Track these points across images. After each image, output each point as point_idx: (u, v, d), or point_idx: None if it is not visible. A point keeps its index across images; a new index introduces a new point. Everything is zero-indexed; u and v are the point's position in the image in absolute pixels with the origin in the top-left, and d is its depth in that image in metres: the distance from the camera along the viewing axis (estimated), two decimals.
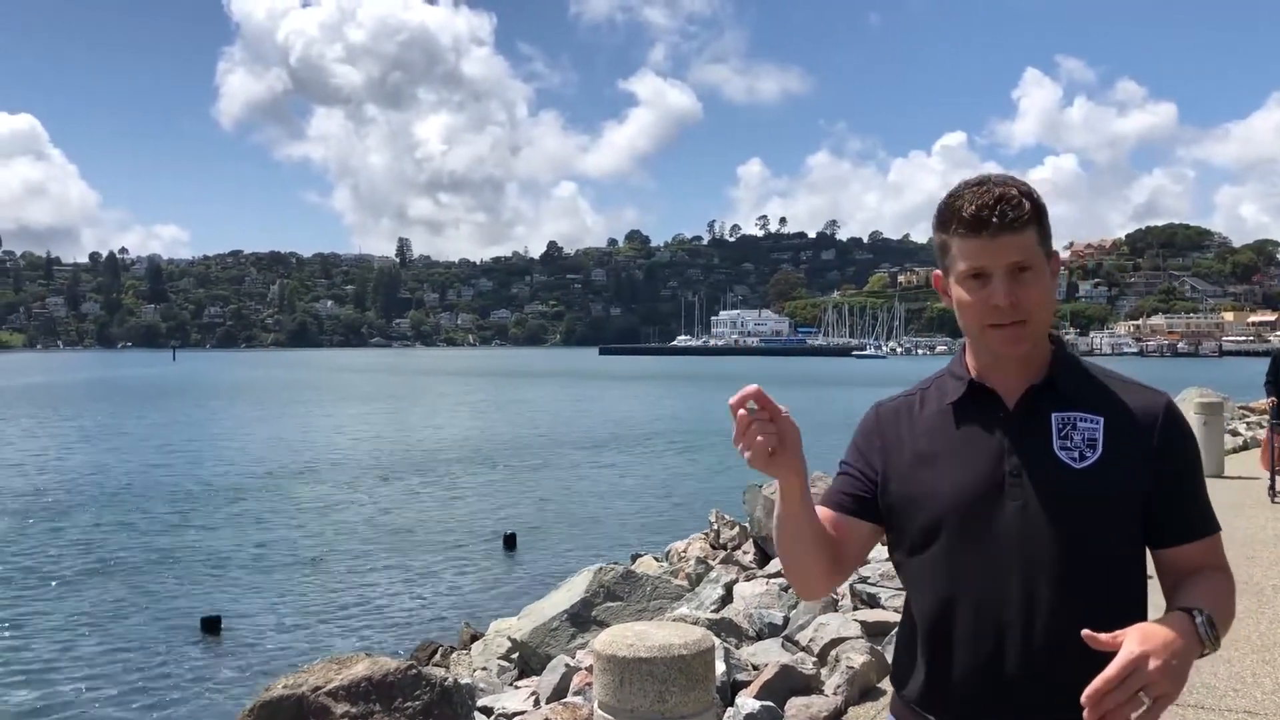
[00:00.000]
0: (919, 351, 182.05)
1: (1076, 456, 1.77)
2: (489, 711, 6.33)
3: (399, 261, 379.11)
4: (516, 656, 8.16)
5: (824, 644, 5.92)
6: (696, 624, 5.78)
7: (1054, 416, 1.81)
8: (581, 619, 7.93)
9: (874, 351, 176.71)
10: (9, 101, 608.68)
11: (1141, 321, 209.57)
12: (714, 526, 12.41)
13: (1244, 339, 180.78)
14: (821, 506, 1.94)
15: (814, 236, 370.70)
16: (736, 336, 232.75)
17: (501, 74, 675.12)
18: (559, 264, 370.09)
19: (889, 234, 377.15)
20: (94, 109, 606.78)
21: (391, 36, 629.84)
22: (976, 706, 1.78)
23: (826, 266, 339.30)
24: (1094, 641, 1.59)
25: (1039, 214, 1.79)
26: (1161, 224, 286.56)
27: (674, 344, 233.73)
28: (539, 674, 6.95)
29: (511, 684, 7.53)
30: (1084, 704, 1.55)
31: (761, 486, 10.58)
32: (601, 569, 8.53)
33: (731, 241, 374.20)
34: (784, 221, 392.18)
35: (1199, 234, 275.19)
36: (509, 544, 16.27)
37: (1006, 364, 1.84)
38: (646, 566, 10.94)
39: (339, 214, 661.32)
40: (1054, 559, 1.73)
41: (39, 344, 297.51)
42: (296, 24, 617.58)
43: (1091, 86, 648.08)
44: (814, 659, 5.80)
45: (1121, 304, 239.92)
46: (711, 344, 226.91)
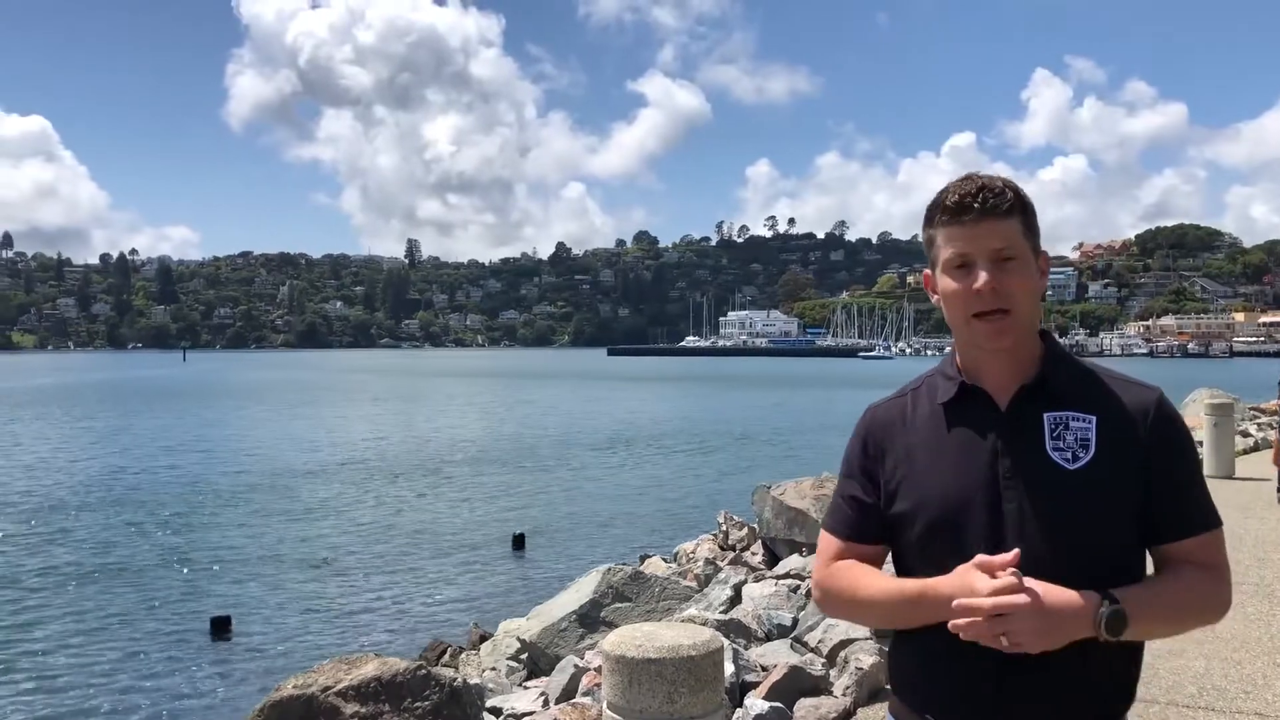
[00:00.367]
0: (928, 352, 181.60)
1: (1069, 457, 1.78)
2: (498, 712, 6.33)
3: (408, 262, 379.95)
4: (525, 657, 8.16)
5: (833, 645, 5.91)
6: (705, 625, 5.78)
7: (1046, 417, 1.81)
8: (590, 620, 7.94)
9: (881, 353, 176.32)
10: (20, 103, 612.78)
11: (1151, 322, 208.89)
12: (722, 527, 12.41)
13: (1255, 340, 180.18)
14: (847, 543, 1.95)
15: (822, 237, 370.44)
16: (745, 337, 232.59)
17: (510, 75, 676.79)
18: (567, 265, 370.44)
19: (898, 235, 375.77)
20: (104, 111, 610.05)
21: (400, 38, 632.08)
22: (977, 707, 1.78)
23: (835, 267, 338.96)
24: (985, 564, 1.68)
25: (1023, 207, 1.82)
26: (1172, 224, 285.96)
27: (682, 345, 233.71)
28: (548, 674, 6.96)
29: (520, 684, 7.53)
30: (954, 608, 1.67)
31: (770, 488, 10.56)
32: (610, 570, 8.53)
33: (740, 242, 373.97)
34: (792, 222, 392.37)
35: (1209, 234, 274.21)
36: (518, 544, 16.28)
37: (996, 362, 1.84)
38: (655, 567, 10.94)
39: (348, 215, 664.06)
40: (1051, 561, 1.73)
41: (50, 345, 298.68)
42: (305, 25, 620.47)
43: (1101, 87, 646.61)
44: (823, 660, 5.79)
45: (1131, 304, 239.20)
46: (720, 345, 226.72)
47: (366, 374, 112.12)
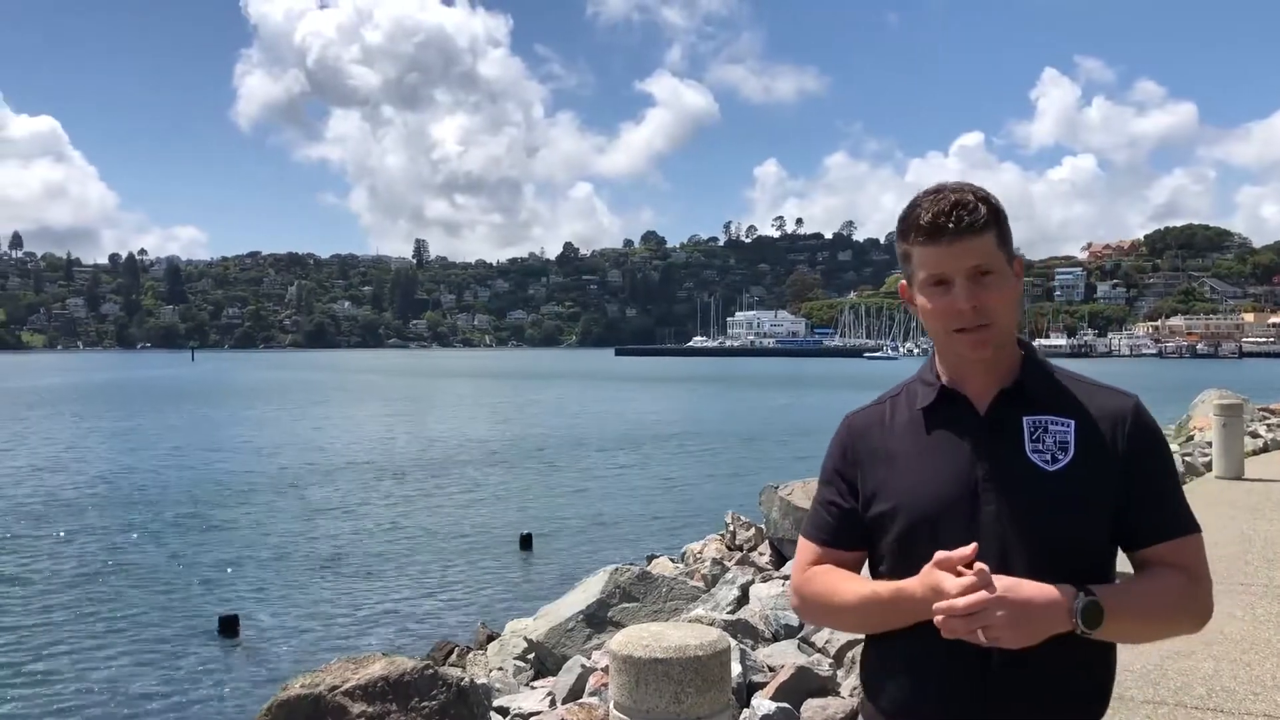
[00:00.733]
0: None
1: (1049, 459, 1.80)
2: (505, 712, 6.34)
3: (416, 262, 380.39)
4: (533, 657, 8.17)
5: (840, 645, 5.91)
6: (712, 625, 5.78)
7: (1025, 420, 1.83)
8: (597, 620, 7.94)
9: (890, 353, 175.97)
10: (30, 104, 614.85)
11: (1160, 322, 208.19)
12: (730, 528, 12.40)
13: (1264, 340, 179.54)
14: (825, 548, 1.96)
15: (830, 237, 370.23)
16: (752, 338, 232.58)
17: (518, 75, 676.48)
18: (575, 265, 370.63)
19: None
20: (113, 111, 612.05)
21: (408, 38, 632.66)
22: (956, 712, 1.79)
23: (843, 267, 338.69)
24: (946, 560, 1.69)
25: (997, 217, 1.81)
26: (1181, 224, 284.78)
27: (690, 345, 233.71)
28: (555, 674, 6.96)
29: (527, 684, 7.54)
30: (933, 611, 1.68)
31: (777, 488, 10.55)
32: (617, 570, 8.54)
33: (747, 242, 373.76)
34: (800, 222, 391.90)
35: (1219, 234, 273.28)
36: (525, 544, 16.29)
37: (975, 368, 1.86)
38: (662, 568, 10.94)
39: (356, 215, 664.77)
40: (1030, 562, 1.74)
41: (59, 345, 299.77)
42: (313, 26, 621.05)
43: (1110, 86, 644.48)
44: (830, 660, 5.79)
45: (1140, 305, 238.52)
46: (727, 345, 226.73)
47: (374, 374, 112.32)
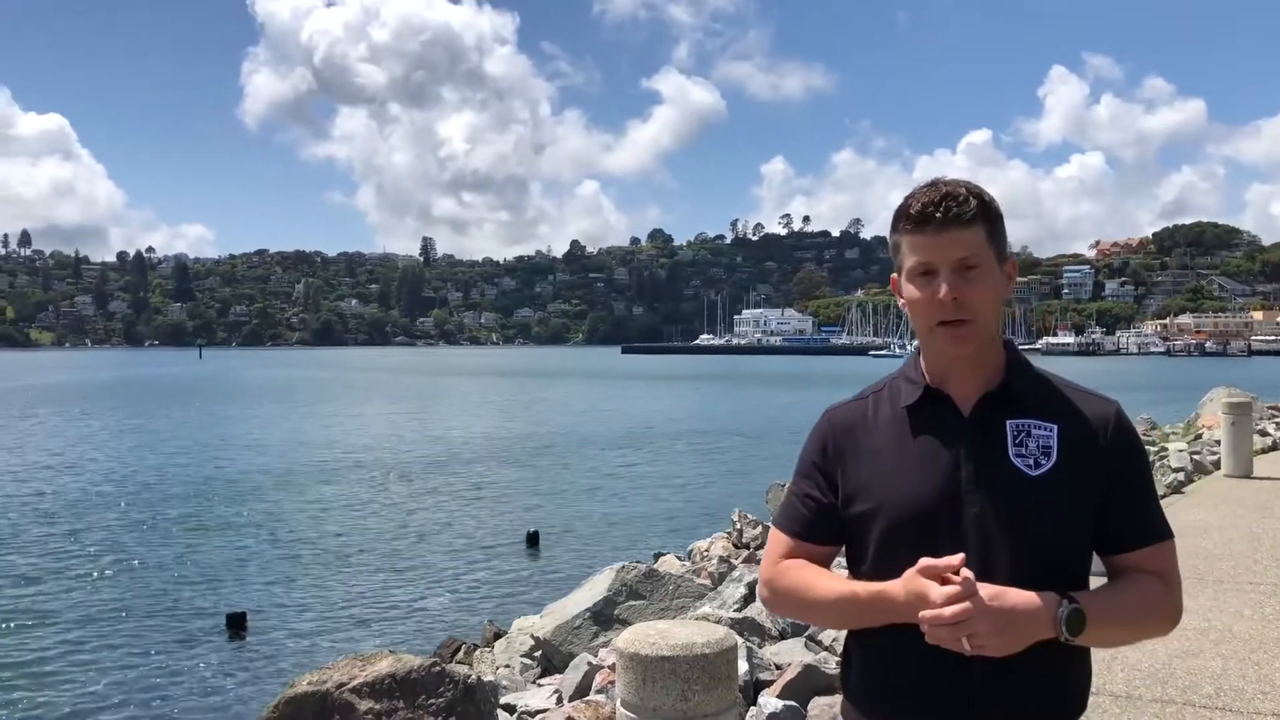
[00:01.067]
0: None
1: (1031, 464, 1.80)
2: (512, 709, 6.34)
3: (423, 260, 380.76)
4: (539, 654, 8.17)
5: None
6: (719, 623, 5.78)
7: (1009, 424, 1.83)
8: (604, 617, 7.94)
9: (897, 350, 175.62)
10: (38, 102, 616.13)
11: (1169, 320, 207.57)
12: (736, 526, 12.41)
13: (1273, 338, 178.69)
14: (797, 541, 1.95)
15: (838, 235, 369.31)
16: (759, 335, 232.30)
17: (525, 73, 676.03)
18: (582, 263, 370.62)
19: None
20: (121, 109, 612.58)
21: (415, 36, 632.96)
22: (938, 711, 1.80)
23: (850, 265, 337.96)
24: (931, 568, 1.70)
25: (988, 214, 1.82)
26: (1190, 222, 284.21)
27: (696, 343, 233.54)
28: (562, 672, 6.97)
29: (534, 682, 7.55)
30: (919, 619, 1.68)
31: (784, 486, 10.55)
32: (624, 567, 8.53)
33: (754, 240, 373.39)
34: (807, 220, 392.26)
35: (1227, 232, 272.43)
36: (532, 542, 16.31)
37: (960, 368, 1.86)
38: (669, 565, 10.93)
39: (363, 213, 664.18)
40: (1011, 566, 1.75)
41: (67, 342, 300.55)
42: (320, 24, 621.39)
43: (1119, 84, 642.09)
44: (837, 659, 5.78)
45: (1148, 303, 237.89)
46: (734, 343, 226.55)
47: (381, 372, 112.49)
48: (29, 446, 31.63)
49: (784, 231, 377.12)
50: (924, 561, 1.71)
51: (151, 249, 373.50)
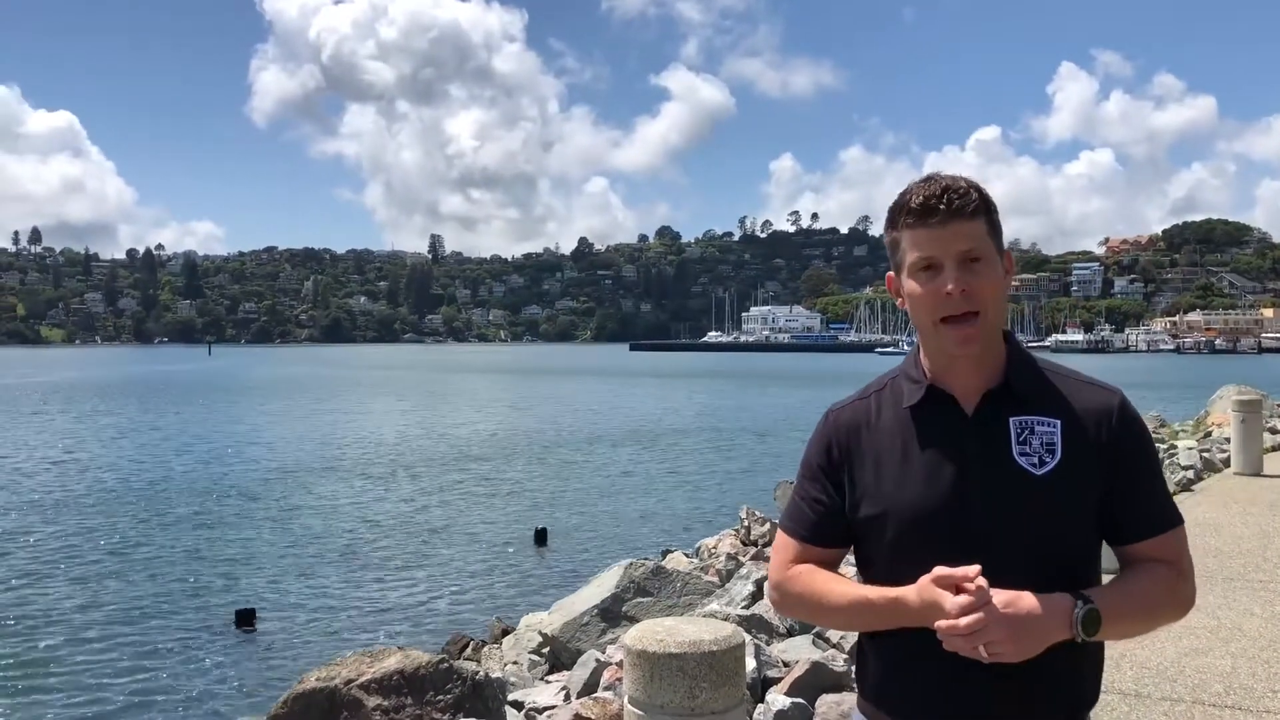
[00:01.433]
0: None
1: (1036, 462, 1.79)
2: (520, 705, 6.35)
3: (431, 258, 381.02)
4: (547, 651, 8.18)
5: (855, 641, 5.88)
6: (727, 620, 5.78)
7: (1012, 422, 1.81)
8: (612, 614, 7.94)
9: (905, 348, 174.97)
10: (49, 99, 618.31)
11: (1178, 318, 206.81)
12: (744, 523, 12.39)
13: None
14: (805, 544, 1.94)
15: (846, 232, 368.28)
16: (767, 333, 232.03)
17: (533, 70, 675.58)
18: (590, 260, 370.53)
19: None
20: (131, 107, 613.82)
21: (423, 33, 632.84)
22: (947, 713, 1.80)
23: (859, 262, 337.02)
24: (946, 578, 1.69)
25: (988, 207, 1.81)
26: (1199, 219, 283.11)
27: (704, 340, 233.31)
28: (570, 669, 6.97)
29: (542, 678, 7.55)
30: (936, 629, 1.68)
31: (792, 483, 10.53)
32: (632, 564, 8.53)
33: (763, 237, 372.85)
34: (816, 217, 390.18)
35: (1238, 229, 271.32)
36: (540, 539, 16.33)
37: (962, 365, 1.84)
38: (677, 562, 10.93)
39: (371, 210, 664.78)
40: (1022, 567, 1.74)
41: (77, 339, 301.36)
42: (329, 21, 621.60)
43: (1128, 80, 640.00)
44: (845, 656, 5.77)
45: (1158, 300, 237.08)
46: (742, 340, 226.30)
47: (390, 369, 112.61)
48: (40, 443, 31.76)
49: (792, 228, 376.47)
50: (938, 570, 1.70)
51: (161, 246, 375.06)
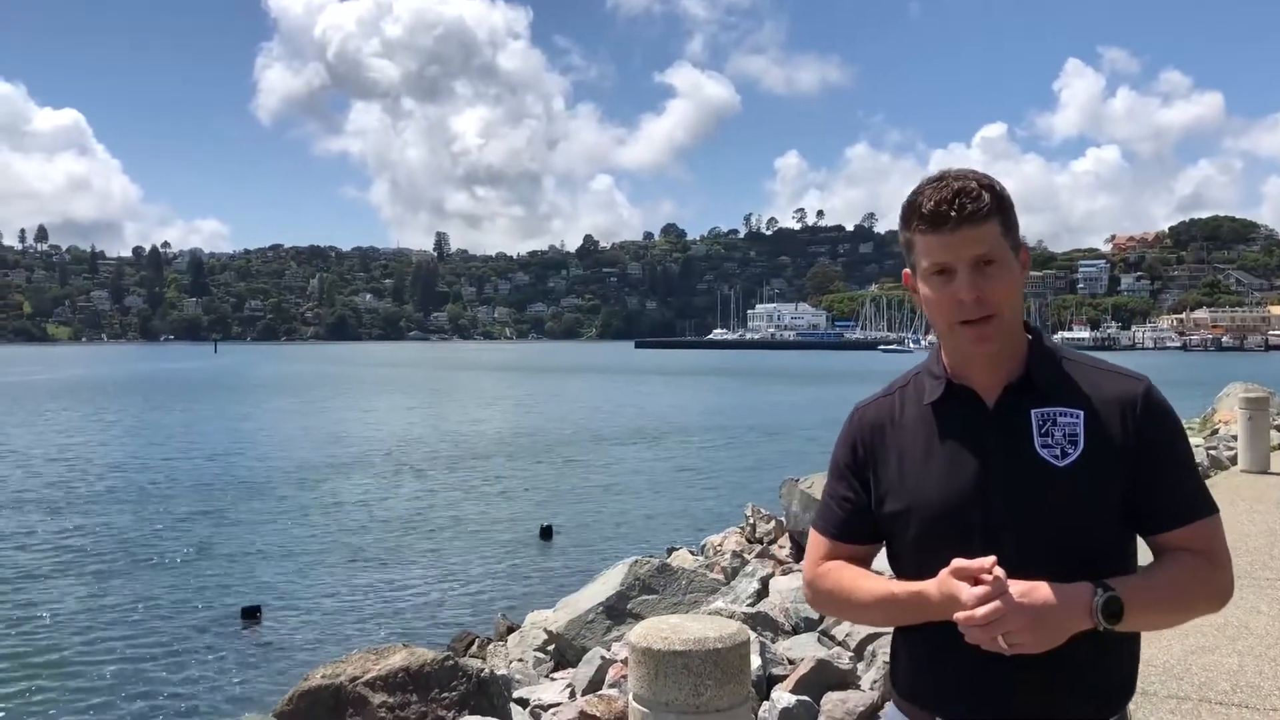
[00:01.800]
0: None
1: (1058, 454, 1.77)
2: (525, 703, 6.35)
3: (436, 255, 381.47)
4: (552, 648, 8.18)
5: (861, 639, 5.89)
6: (732, 618, 5.77)
7: (1033, 414, 1.80)
8: (617, 612, 7.94)
9: (910, 345, 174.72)
10: (55, 97, 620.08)
11: (1185, 315, 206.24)
12: (750, 521, 12.38)
13: None
14: (835, 542, 1.96)
15: (852, 229, 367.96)
16: (773, 330, 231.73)
17: (538, 67, 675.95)
18: (595, 258, 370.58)
19: None
20: (136, 105, 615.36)
21: (428, 30, 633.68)
22: (979, 703, 1.79)
23: (864, 259, 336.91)
24: (963, 570, 1.69)
25: (1001, 206, 1.79)
26: (1206, 216, 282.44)
27: (710, 337, 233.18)
28: (575, 666, 6.97)
29: (547, 676, 7.56)
30: (955, 621, 1.67)
31: (798, 481, 10.52)
32: (637, 562, 8.53)
33: (768, 235, 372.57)
34: (821, 214, 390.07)
35: (1245, 226, 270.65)
36: (545, 536, 16.34)
37: (983, 361, 1.83)
38: (682, 560, 10.93)
39: (377, 208, 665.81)
40: (1046, 559, 1.73)
41: (84, 337, 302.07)
42: (333, 19, 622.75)
43: (1135, 77, 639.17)
44: (850, 654, 5.77)
45: (1164, 297, 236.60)
46: (747, 337, 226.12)
47: (395, 367, 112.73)
48: (46, 441, 31.83)
49: (798, 226, 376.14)
50: (956, 563, 1.70)
51: (167, 244, 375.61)
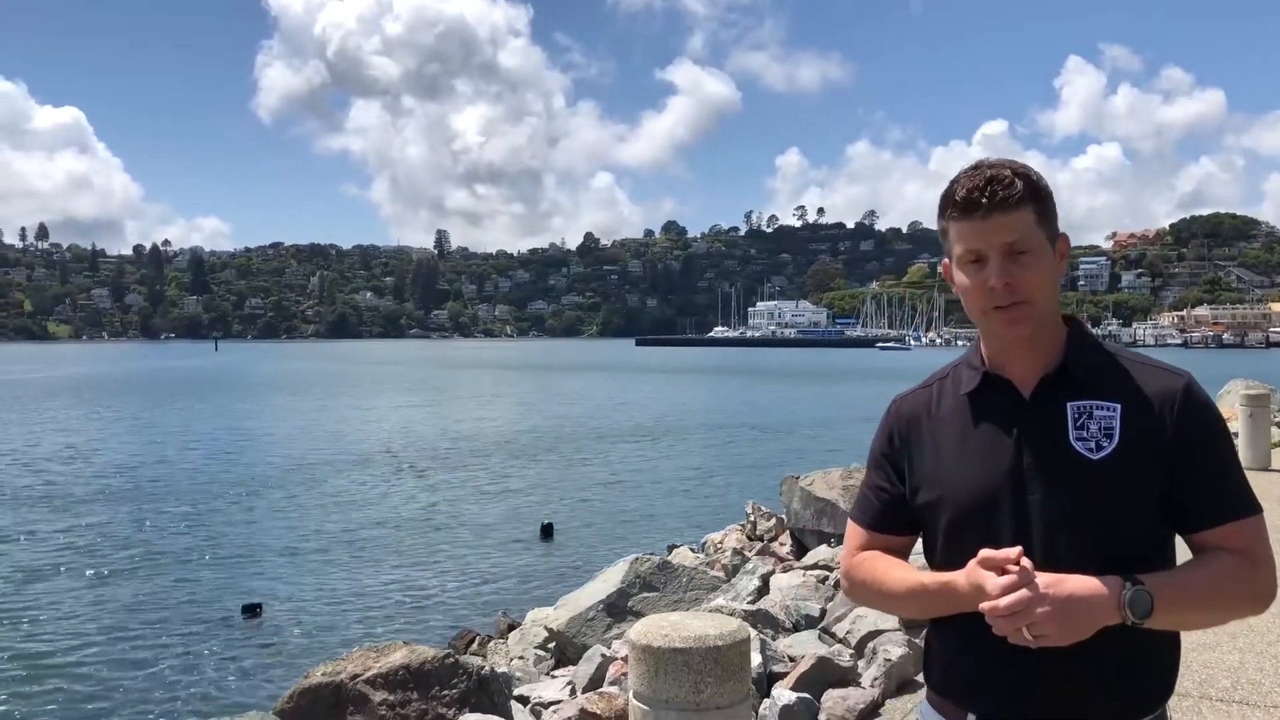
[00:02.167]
0: (959, 342, 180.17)
1: (1093, 447, 1.76)
2: (525, 700, 6.35)
3: (437, 253, 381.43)
4: (553, 646, 8.18)
5: (861, 636, 5.89)
6: (733, 615, 5.77)
7: (1069, 406, 1.79)
8: (618, 609, 7.94)
9: (910, 344, 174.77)
10: (55, 95, 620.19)
11: (1186, 312, 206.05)
12: (750, 518, 12.39)
13: None
14: (872, 533, 1.98)
15: (852, 227, 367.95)
16: (774, 328, 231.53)
17: (538, 64, 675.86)
18: (596, 255, 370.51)
19: (928, 224, 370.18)
20: (137, 103, 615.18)
21: (428, 28, 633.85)
22: (1006, 698, 1.78)
23: (865, 257, 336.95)
24: (991, 560, 1.68)
25: (1035, 194, 1.78)
26: (1207, 213, 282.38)
27: (711, 335, 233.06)
28: (575, 664, 6.97)
29: (548, 673, 7.56)
30: (981, 611, 1.66)
31: (798, 479, 10.53)
32: (638, 559, 8.53)
33: (769, 232, 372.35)
34: (822, 212, 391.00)
35: (1245, 223, 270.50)
36: (546, 534, 16.34)
37: (1019, 350, 1.83)
38: (683, 557, 10.94)
39: (377, 206, 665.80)
40: (1077, 553, 1.72)
41: (84, 335, 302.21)
42: (334, 17, 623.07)
43: (1136, 74, 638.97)
44: (851, 651, 5.77)
45: (1165, 295, 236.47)
46: (748, 335, 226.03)
47: (396, 365, 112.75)
48: (46, 439, 31.83)
49: (798, 223, 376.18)
50: (984, 553, 1.69)
51: (167, 242, 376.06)
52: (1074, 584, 1.65)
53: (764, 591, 8.05)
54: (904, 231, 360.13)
